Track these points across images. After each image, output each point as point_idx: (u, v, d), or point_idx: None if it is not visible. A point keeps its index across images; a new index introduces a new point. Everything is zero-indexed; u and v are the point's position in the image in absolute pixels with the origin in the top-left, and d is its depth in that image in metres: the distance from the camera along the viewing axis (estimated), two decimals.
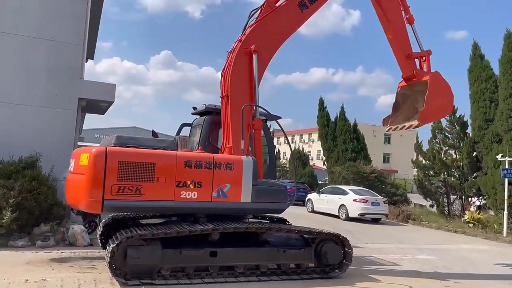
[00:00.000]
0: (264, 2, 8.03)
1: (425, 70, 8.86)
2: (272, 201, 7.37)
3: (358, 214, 17.99)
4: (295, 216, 8.75)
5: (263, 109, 7.75)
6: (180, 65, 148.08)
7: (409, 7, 8.96)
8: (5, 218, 8.14)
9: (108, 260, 6.07)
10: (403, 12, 8.89)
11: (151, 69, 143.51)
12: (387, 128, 9.16)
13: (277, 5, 8.00)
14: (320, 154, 53.42)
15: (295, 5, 8.02)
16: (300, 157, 32.78)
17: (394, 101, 9.19)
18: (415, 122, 8.54)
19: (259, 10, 8.03)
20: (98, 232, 8.23)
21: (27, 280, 6.16)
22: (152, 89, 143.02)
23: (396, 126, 8.93)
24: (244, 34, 7.84)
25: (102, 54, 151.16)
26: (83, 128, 22.75)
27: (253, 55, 7.63)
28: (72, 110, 11.04)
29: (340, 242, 7.53)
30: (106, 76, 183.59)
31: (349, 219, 18.14)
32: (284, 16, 7.97)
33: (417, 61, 8.95)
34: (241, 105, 7.36)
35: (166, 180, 6.50)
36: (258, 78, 7.63)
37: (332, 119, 29.57)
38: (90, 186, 6.20)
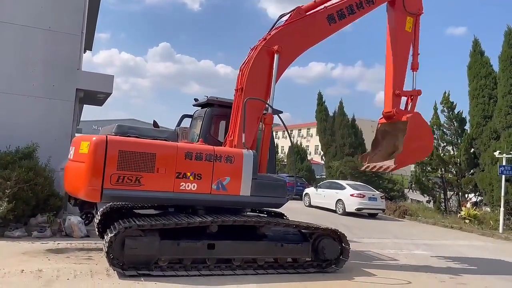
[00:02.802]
0: (295, 8, 8.11)
1: (409, 109, 8.88)
2: (271, 195, 7.36)
3: (355, 209, 18.04)
4: (292, 210, 8.76)
5: (266, 103, 7.74)
6: (179, 57, 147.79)
7: (418, 54, 9.09)
8: (1, 208, 8.09)
9: (106, 250, 6.04)
10: (411, 55, 9.00)
11: (149, 61, 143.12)
12: (364, 166, 9.17)
13: (307, 13, 8.11)
14: (318, 149, 53.46)
15: (324, 18, 8.15)
16: (298, 152, 32.75)
17: (374, 138, 9.17)
18: (392, 165, 8.45)
19: (288, 15, 8.12)
20: (95, 221, 8.21)
21: (23, 270, 6.13)
22: (150, 82, 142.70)
23: (373, 165, 8.87)
24: (270, 34, 7.93)
25: (100, 46, 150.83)
26: (80, 119, 22.64)
27: (275, 55, 7.68)
28: (69, 101, 10.96)
29: (338, 238, 7.54)
30: (104, 68, 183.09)
31: (346, 213, 18.19)
32: (312, 25, 8.09)
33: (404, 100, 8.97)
34: (253, 101, 7.38)
35: (166, 171, 6.47)
36: (276, 78, 7.71)
37: (331, 113, 29.57)
38: (89, 174, 6.16)
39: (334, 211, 18.86)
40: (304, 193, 22.05)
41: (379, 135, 9.10)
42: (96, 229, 8.16)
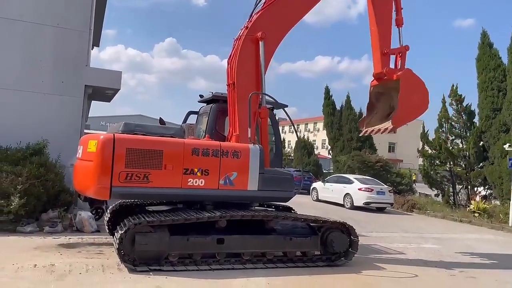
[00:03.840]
0: None
1: (399, 67, 8.61)
2: (279, 189, 7.38)
3: (363, 203, 18.00)
4: (300, 204, 8.78)
5: (271, 97, 7.72)
6: (185, 53, 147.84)
7: (401, 8, 8.78)
8: (13, 204, 8.20)
9: (117, 246, 6.12)
10: (394, 11, 8.71)
11: (156, 57, 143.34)
12: (363, 131, 8.92)
13: None
14: (325, 143, 53.34)
15: None
16: (305, 146, 32.71)
17: (368, 101, 8.90)
18: (390, 126, 8.26)
19: None
20: (105, 219, 8.29)
21: (36, 265, 6.23)
22: (157, 77, 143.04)
23: (371, 129, 8.66)
24: (251, 21, 7.74)
25: (106, 42, 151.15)
26: (88, 115, 22.78)
27: (260, 42, 7.55)
28: (78, 97, 11.05)
29: (346, 230, 7.55)
30: (110, 64, 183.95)
31: (354, 208, 18.16)
32: (291, 1, 7.88)
33: (393, 57, 8.68)
34: (247, 93, 7.33)
35: (174, 167, 6.52)
36: (265, 66, 7.57)
37: (338, 108, 29.46)
38: (98, 172, 6.22)
39: (342, 205, 18.84)
40: (311, 187, 22.04)
41: (373, 98, 8.83)
42: (106, 226, 8.23)
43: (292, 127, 9.19)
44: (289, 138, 58.66)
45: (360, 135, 9.49)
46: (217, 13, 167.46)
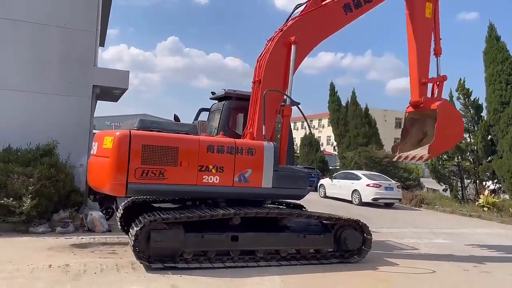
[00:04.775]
0: None
1: (435, 95, 8.81)
2: (292, 186, 7.36)
3: (371, 199, 17.96)
4: (308, 201, 8.77)
5: (285, 94, 7.71)
6: (187, 51, 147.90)
7: (440, 39, 8.99)
8: (25, 205, 8.21)
9: (132, 243, 6.11)
10: (433, 42, 8.92)
11: (158, 56, 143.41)
12: (397, 156, 9.11)
13: (323, 3, 8.06)
14: (330, 140, 53.29)
15: (340, 7, 8.10)
16: (311, 143, 32.63)
17: (402, 127, 9.16)
18: (426, 154, 8.42)
19: (304, 5, 8.08)
20: (118, 215, 8.31)
21: (51, 265, 6.25)
22: (160, 76, 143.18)
23: (406, 155, 8.84)
24: (286, 25, 7.90)
25: (109, 41, 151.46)
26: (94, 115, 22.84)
27: (292, 46, 7.65)
28: (86, 97, 11.03)
29: (360, 228, 7.53)
30: (113, 64, 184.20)
31: (362, 204, 18.12)
32: (328, 15, 8.04)
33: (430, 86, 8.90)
34: (272, 92, 7.36)
35: (189, 164, 6.52)
36: (293, 70, 7.69)
37: (343, 104, 29.35)
38: (114, 169, 6.22)
39: (350, 202, 18.80)
40: (319, 184, 21.96)
41: (408, 124, 9.08)
42: (119, 223, 8.25)
43: (306, 123, 9.27)
44: (294, 135, 58.59)
45: (394, 160, 9.78)
46: (219, 11, 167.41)
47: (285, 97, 7.66)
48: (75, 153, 10.33)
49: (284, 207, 8.34)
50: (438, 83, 8.86)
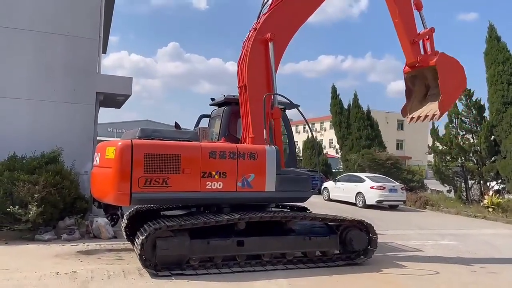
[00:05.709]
0: None
1: (428, 50, 8.55)
2: (296, 189, 7.37)
3: (375, 201, 17.93)
4: (312, 204, 8.77)
5: (284, 97, 7.71)
6: (188, 57, 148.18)
7: None
8: (31, 212, 8.25)
9: (138, 252, 6.12)
10: None
11: (159, 62, 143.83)
12: (409, 119, 8.80)
13: None
14: (332, 143, 53.22)
15: None
16: (313, 146, 32.62)
17: (404, 88, 8.90)
18: (437, 113, 8.20)
19: None
20: (122, 225, 8.31)
21: (58, 272, 6.27)
22: (161, 82, 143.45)
23: (417, 116, 8.59)
24: (259, 22, 7.75)
25: (110, 48, 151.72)
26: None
27: (269, 43, 7.56)
28: (90, 104, 11.11)
29: (365, 228, 7.52)
30: (114, 70, 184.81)
31: (367, 206, 18.08)
32: (297, 2, 7.87)
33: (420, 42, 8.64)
34: (259, 95, 7.34)
35: (192, 171, 6.53)
36: (275, 66, 7.58)
37: (345, 106, 29.36)
38: (117, 179, 6.24)
39: (354, 204, 18.76)
40: (323, 187, 21.92)
41: (409, 83, 8.84)
42: (124, 233, 8.25)
43: (307, 126, 9.18)
44: (296, 139, 58.53)
45: (408, 123, 9.20)
46: (218, 16, 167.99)
47: (273, 99, 7.56)
48: (79, 160, 10.39)
49: (289, 210, 8.34)
50: (427, 37, 8.58)
